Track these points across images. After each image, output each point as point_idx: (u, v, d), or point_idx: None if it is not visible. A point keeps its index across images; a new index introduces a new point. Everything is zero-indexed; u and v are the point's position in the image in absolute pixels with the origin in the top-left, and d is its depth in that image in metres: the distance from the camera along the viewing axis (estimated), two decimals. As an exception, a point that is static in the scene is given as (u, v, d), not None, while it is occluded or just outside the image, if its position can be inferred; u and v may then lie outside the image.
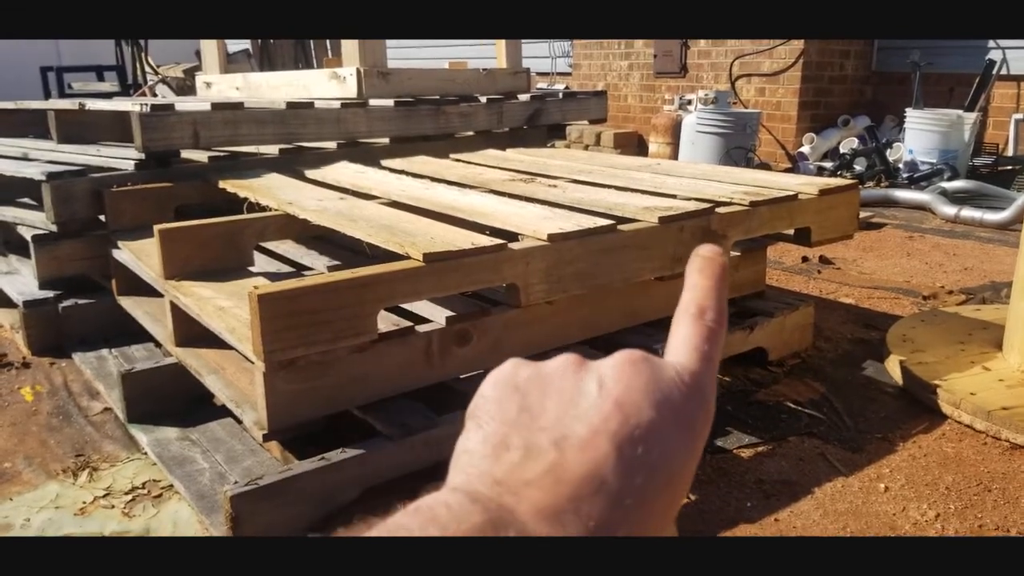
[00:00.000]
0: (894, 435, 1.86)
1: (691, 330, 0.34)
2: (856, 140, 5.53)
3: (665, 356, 0.34)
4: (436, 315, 1.70)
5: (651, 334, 2.03)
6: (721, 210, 1.92)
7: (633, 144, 6.51)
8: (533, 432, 0.31)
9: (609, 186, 2.21)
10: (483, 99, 3.05)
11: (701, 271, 0.37)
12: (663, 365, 0.33)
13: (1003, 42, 5.18)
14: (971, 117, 4.91)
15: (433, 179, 2.33)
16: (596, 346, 1.93)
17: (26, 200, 2.65)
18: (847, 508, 1.58)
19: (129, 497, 1.64)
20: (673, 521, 0.32)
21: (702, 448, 0.32)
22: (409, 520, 0.27)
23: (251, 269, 1.93)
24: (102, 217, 2.26)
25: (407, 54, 8.40)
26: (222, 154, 2.54)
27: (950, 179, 4.74)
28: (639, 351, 0.33)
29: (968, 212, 4.09)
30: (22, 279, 2.50)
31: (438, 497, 0.28)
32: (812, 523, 1.53)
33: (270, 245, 2.28)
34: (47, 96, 7.04)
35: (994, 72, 5.00)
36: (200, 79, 3.86)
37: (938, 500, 1.61)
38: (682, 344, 0.34)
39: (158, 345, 2.17)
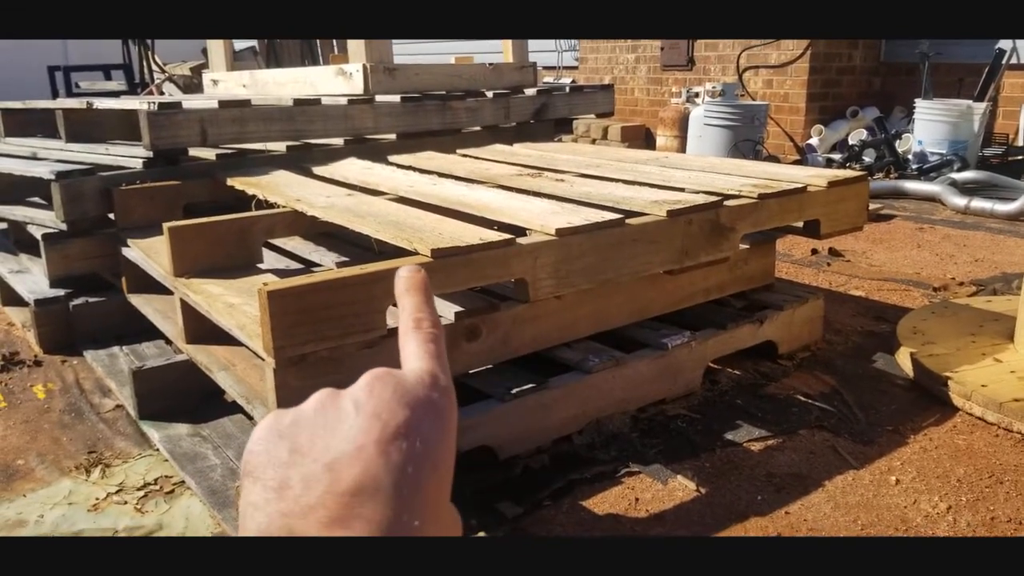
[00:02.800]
0: (905, 428, 1.86)
1: (415, 341, 0.40)
2: (865, 131, 5.50)
3: (403, 367, 0.39)
4: (445, 310, 1.70)
5: (659, 328, 2.02)
6: (730, 203, 1.92)
7: (640, 138, 6.49)
8: (307, 465, 0.34)
9: (617, 180, 2.21)
10: (489, 94, 3.04)
11: (408, 290, 0.43)
12: (404, 372, 0.37)
13: (1013, 31, 5.13)
14: (981, 107, 4.87)
15: (440, 175, 2.33)
16: (605, 341, 1.93)
17: (36, 199, 2.66)
18: (858, 501, 1.58)
19: (141, 493, 1.65)
20: (448, 502, 0.36)
21: (455, 430, 0.37)
22: None
23: (260, 266, 1.94)
24: (111, 215, 2.27)
25: (413, 49, 8.39)
26: (230, 152, 2.55)
27: (960, 170, 4.71)
28: (382, 368, 0.37)
29: (978, 203, 4.06)
30: (33, 278, 2.51)
31: None
32: (823, 516, 1.53)
33: (278, 242, 2.29)
34: (54, 95, 7.07)
35: (1004, 61, 4.96)
36: (207, 77, 3.87)
37: (949, 493, 1.60)
38: (412, 353, 0.39)
39: (168, 342, 2.18)
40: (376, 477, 0.32)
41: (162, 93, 6.04)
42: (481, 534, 1.46)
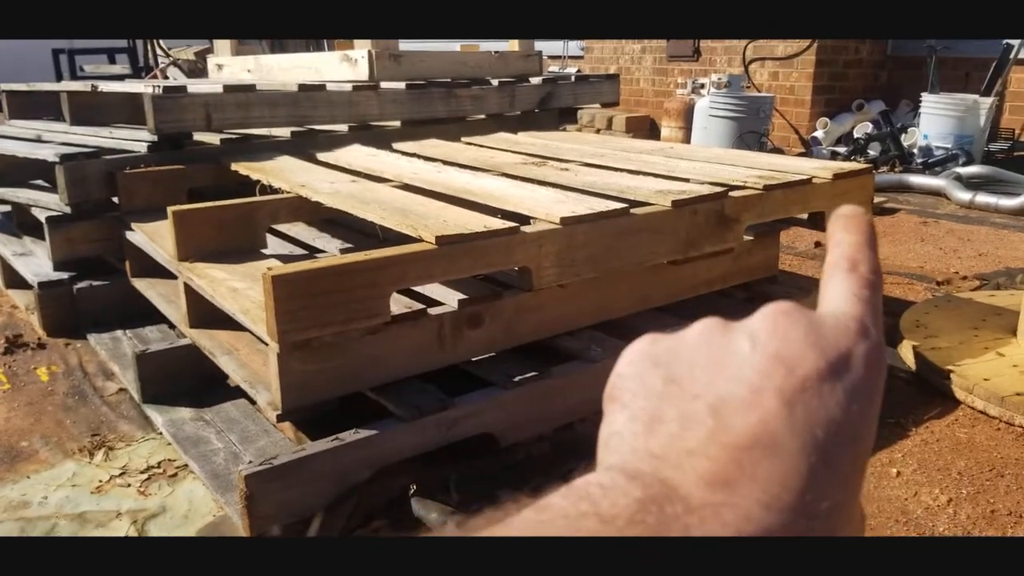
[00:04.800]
0: (906, 420, 1.86)
1: (846, 281, 0.31)
2: (870, 125, 5.48)
3: (822, 310, 0.31)
4: (448, 298, 1.70)
5: (662, 318, 2.02)
6: (735, 194, 1.91)
7: (645, 128, 6.47)
8: (686, 401, 0.28)
9: (622, 170, 2.20)
10: (495, 82, 3.03)
11: (846, 228, 0.34)
12: (821, 314, 0.30)
13: (1021, 25, 5.10)
14: (987, 102, 4.85)
15: (445, 162, 2.33)
16: (607, 330, 1.93)
17: (40, 182, 2.66)
18: (858, 492, 1.58)
19: (145, 476, 1.66)
20: (860, 493, 0.28)
21: (881, 397, 0.29)
22: (561, 500, 0.25)
23: (264, 251, 1.94)
24: (115, 199, 2.27)
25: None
26: (234, 136, 2.54)
27: (965, 164, 4.70)
28: (788, 302, 0.30)
29: (983, 198, 4.06)
30: (37, 261, 2.51)
31: (591, 478, 0.26)
32: (823, 507, 1.53)
33: (282, 228, 2.29)
34: (59, 78, 7.05)
35: (1011, 56, 4.93)
36: (212, 61, 3.86)
37: (950, 485, 1.60)
38: (838, 295, 0.31)
39: (172, 327, 2.19)
40: (775, 433, 0.26)
41: (166, 77, 6.02)
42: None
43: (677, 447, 0.27)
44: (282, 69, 3.27)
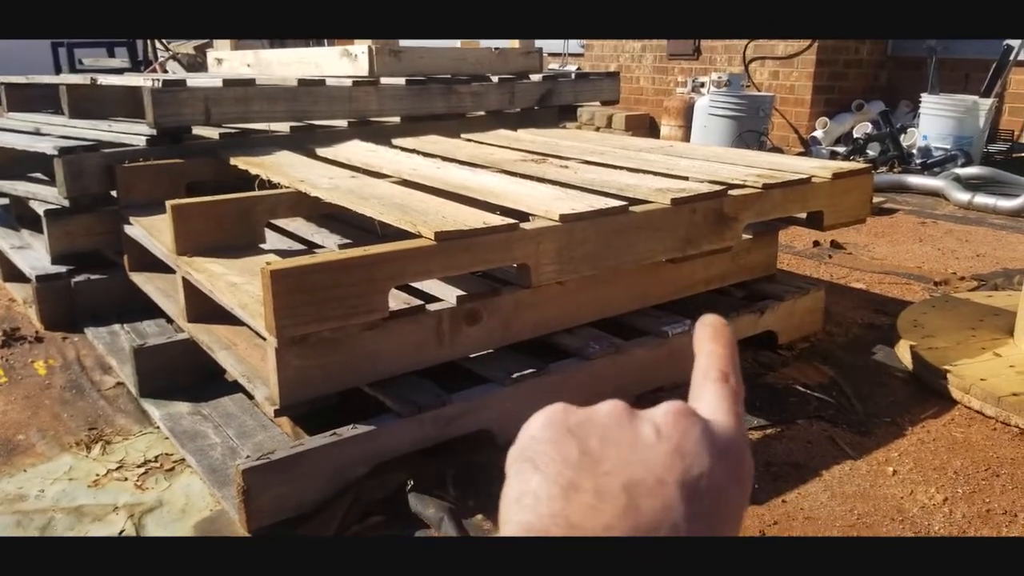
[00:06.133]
0: (903, 419, 1.86)
1: (721, 393, 0.37)
2: (870, 125, 5.48)
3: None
4: (447, 294, 1.70)
5: (660, 316, 2.03)
6: (734, 192, 1.91)
7: (645, 126, 6.47)
8: (599, 476, 0.31)
9: (621, 167, 2.20)
10: (495, 79, 3.03)
11: (714, 339, 0.39)
12: (710, 421, 0.35)
13: (1021, 27, 5.09)
14: (987, 103, 4.86)
15: (444, 158, 2.32)
16: (606, 327, 1.94)
17: (38, 175, 2.65)
18: (855, 491, 1.58)
19: (142, 470, 1.66)
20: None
21: (751, 487, 0.34)
22: None
23: (262, 246, 1.94)
24: (114, 193, 2.26)
25: (418, 33, 8.33)
26: (233, 131, 2.54)
27: (964, 165, 4.70)
28: (685, 404, 0.35)
29: (981, 199, 4.06)
30: (35, 254, 2.51)
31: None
32: (820, 505, 1.54)
33: (281, 223, 2.29)
34: (58, 71, 7.04)
35: (1011, 58, 4.93)
36: (211, 56, 3.85)
37: (946, 484, 1.61)
38: (716, 406, 0.36)
39: (170, 321, 2.19)
40: (674, 521, 0.30)
41: (165, 71, 6.01)
42: (479, 516, 1.47)
43: (594, 520, 0.30)
44: (282, 64, 3.27)
